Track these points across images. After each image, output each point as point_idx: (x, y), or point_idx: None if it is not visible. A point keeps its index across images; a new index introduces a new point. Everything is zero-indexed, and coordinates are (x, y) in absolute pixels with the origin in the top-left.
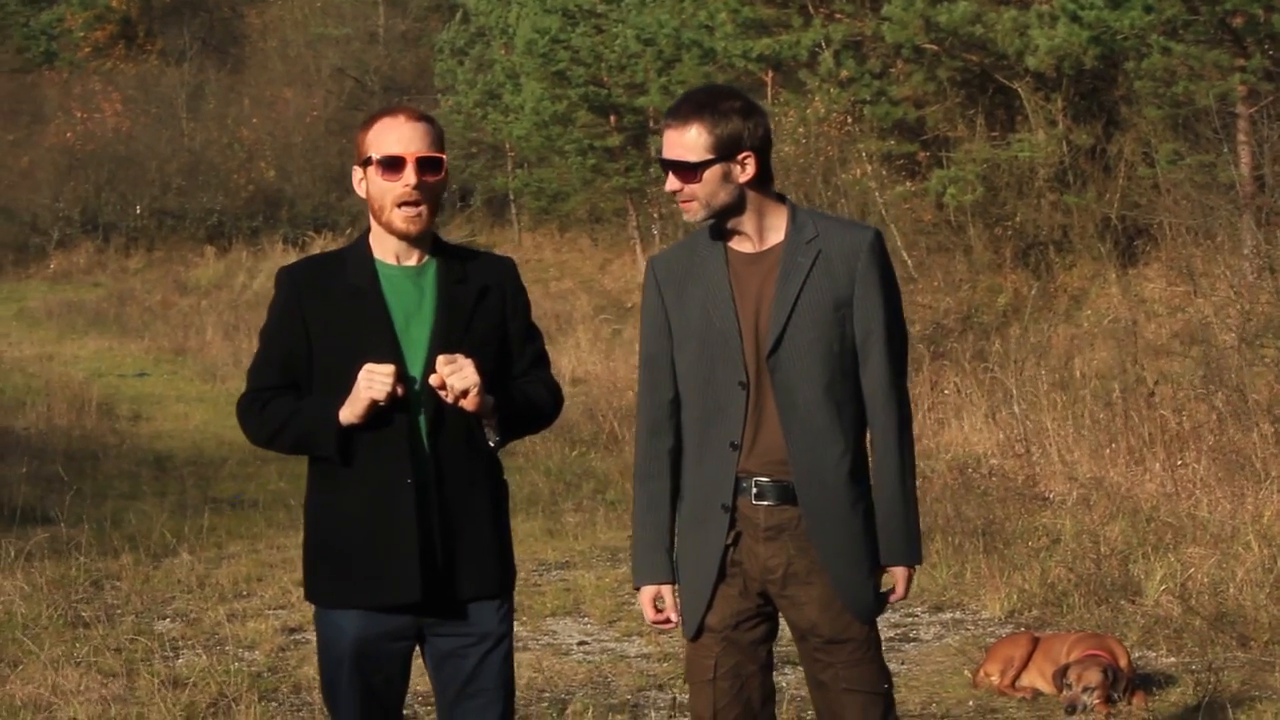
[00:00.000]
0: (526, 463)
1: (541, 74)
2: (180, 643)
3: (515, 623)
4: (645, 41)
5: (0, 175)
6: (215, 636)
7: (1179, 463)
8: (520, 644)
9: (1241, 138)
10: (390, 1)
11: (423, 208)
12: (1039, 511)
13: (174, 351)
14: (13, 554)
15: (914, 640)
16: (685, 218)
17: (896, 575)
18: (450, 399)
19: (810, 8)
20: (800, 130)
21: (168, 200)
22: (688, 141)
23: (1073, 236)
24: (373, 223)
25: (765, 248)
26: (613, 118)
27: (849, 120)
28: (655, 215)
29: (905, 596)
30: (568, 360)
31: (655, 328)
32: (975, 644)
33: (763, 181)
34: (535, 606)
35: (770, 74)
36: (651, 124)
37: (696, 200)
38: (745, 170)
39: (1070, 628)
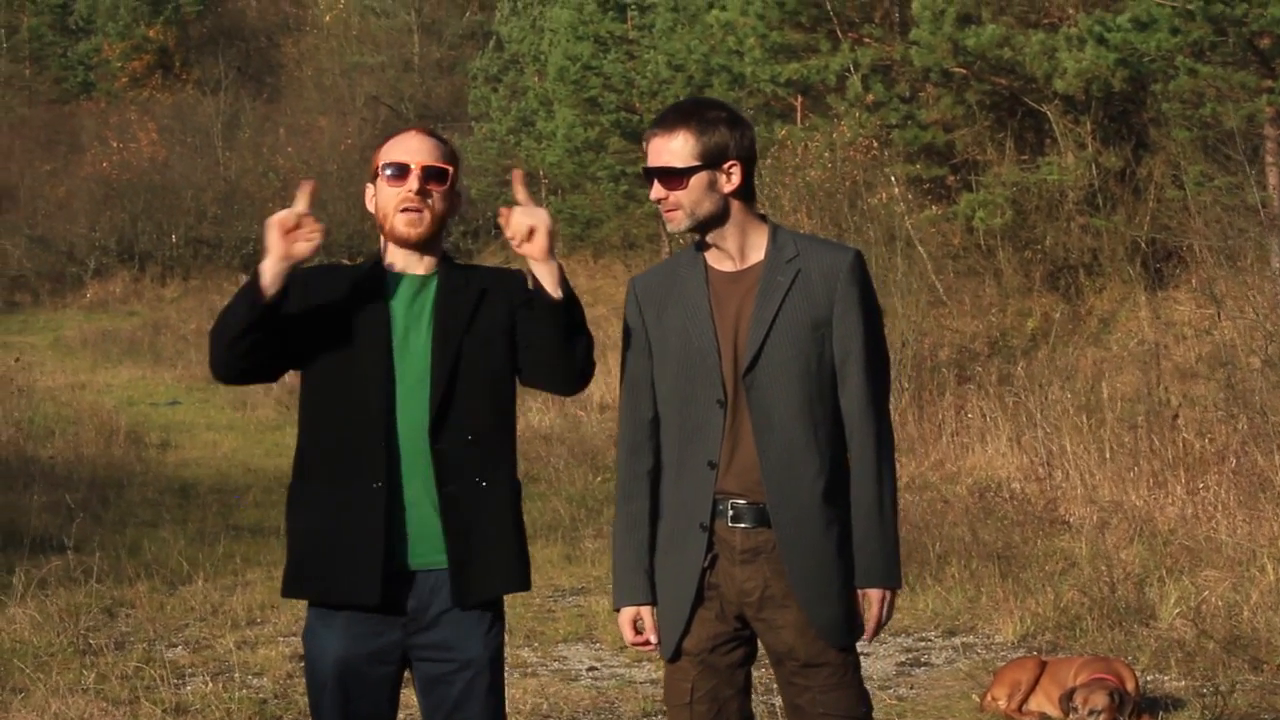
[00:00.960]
0: (549, 489)
1: (574, 100)
2: (189, 670)
3: (526, 649)
4: (675, 67)
5: (37, 205)
6: (224, 664)
7: (1200, 485)
8: (529, 670)
9: (1269, 159)
10: (425, 30)
11: (425, 214)
12: (1058, 535)
13: (206, 380)
14: (25, 582)
15: (925, 665)
16: (669, 227)
17: (871, 598)
18: (516, 241)
19: (838, 32)
20: (826, 155)
21: (203, 229)
22: (674, 149)
23: (1102, 260)
24: (383, 239)
25: (746, 266)
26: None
27: (875, 144)
28: (685, 241)
29: (881, 620)
30: (597, 386)
31: (636, 348)
32: (985, 668)
33: (747, 195)
34: (547, 633)
35: (799, 99)
36: None
37: (681, 209)
38: (730, 180)
39: (1083, 652)
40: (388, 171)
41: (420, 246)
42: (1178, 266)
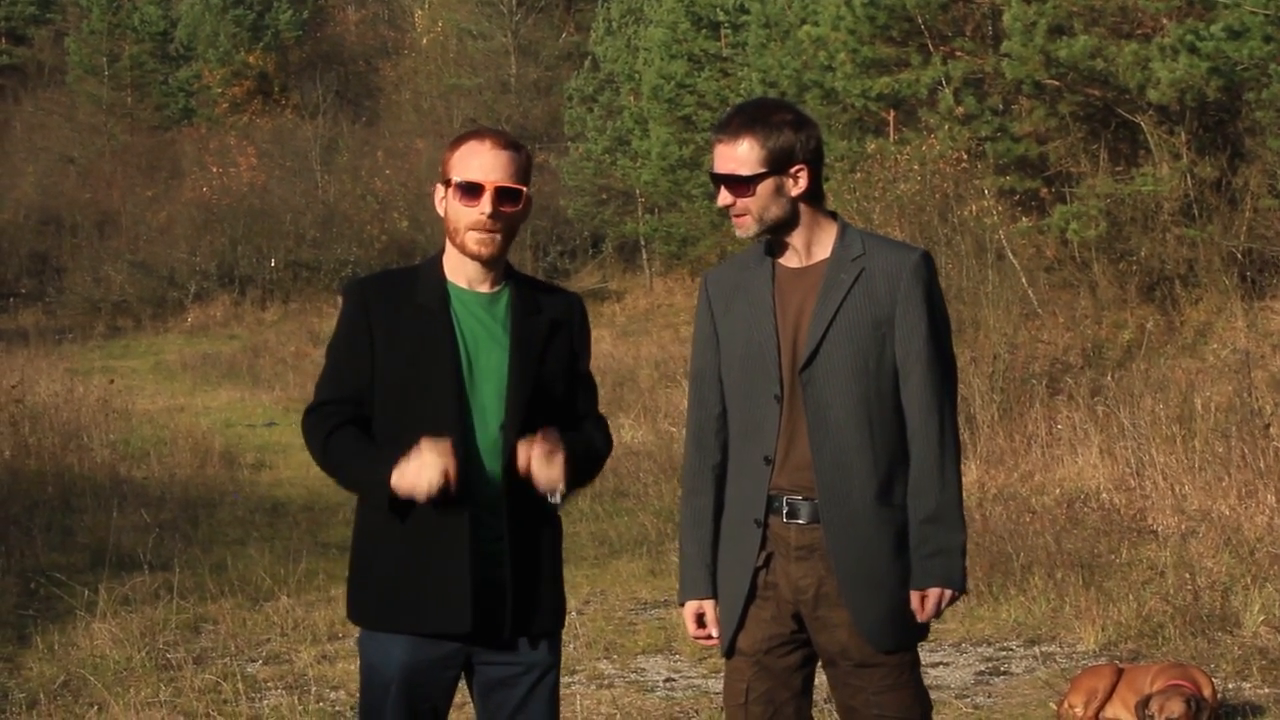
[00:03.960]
0: (637, 505)
1: (668, 119)
2: (266, 684)
3: (605, 661)
4: (769, 84)
5: (139, 231)
6: (302, 678)
7: None
8: (605, 681)
9: None
10: (521, 51)
11: (497, 235)
12: (1144, 545)
13: (304, 401)
14: (108, 600)
15: (1004, 674)
16: (738, 234)
17: (927, 596)
18: (523, 473)
19: (930, 46)
20: (916, 168)
21: (302, 252)
22: (740, 155)
23: (1198, 270)
24: (447, 244)
25: (811, 263)
26: None
27: (965, 157)
28: None
29: (932, 617)
30: None
31: (704, 342)
32: (1064, 677)
33: (814, 195)
34: (627, 645)
35: (892, 113)
36: None
37: (749, 215)
38: (798, 183)
39: (1164, 659)
40: (460, 188)
41: (489, 262)
42: (1274, 276)
